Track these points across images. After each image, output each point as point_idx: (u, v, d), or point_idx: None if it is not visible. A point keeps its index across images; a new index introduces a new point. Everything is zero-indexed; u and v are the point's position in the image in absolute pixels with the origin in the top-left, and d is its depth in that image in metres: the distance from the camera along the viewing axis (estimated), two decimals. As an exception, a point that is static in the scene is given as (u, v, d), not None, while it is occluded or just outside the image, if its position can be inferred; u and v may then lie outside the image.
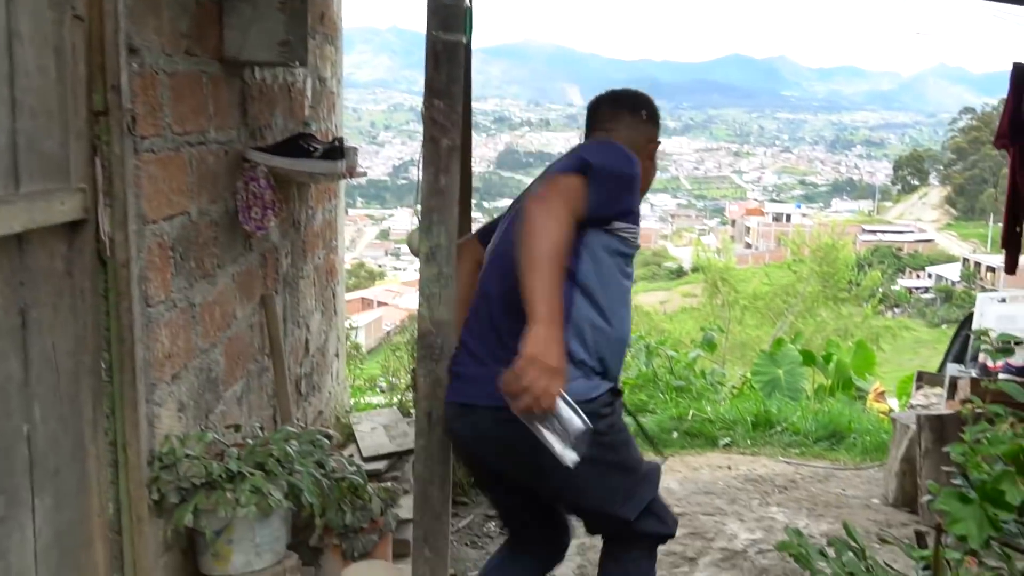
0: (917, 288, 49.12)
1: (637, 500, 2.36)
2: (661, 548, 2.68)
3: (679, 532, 3.96)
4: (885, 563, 2.25)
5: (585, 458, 1.98)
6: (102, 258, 2.22)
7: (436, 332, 2.60)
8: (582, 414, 1.96)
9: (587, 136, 2.61)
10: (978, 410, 1.81)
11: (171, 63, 2.48)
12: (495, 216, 2.83)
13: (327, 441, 2.79)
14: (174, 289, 2.52)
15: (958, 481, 1.88)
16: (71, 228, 2.13)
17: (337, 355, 5.09)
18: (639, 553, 2.44)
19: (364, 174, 4.22)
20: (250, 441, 2.63)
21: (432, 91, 2.50)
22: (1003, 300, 5.43)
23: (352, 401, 5.90)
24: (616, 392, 2.36)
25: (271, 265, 3.53)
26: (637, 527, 2.37)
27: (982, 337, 1.81)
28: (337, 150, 3.26)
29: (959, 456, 1.70)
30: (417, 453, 2.62)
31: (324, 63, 4.47)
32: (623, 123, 2.54)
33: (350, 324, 15.76)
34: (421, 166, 2.59)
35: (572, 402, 1.96)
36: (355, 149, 3.45)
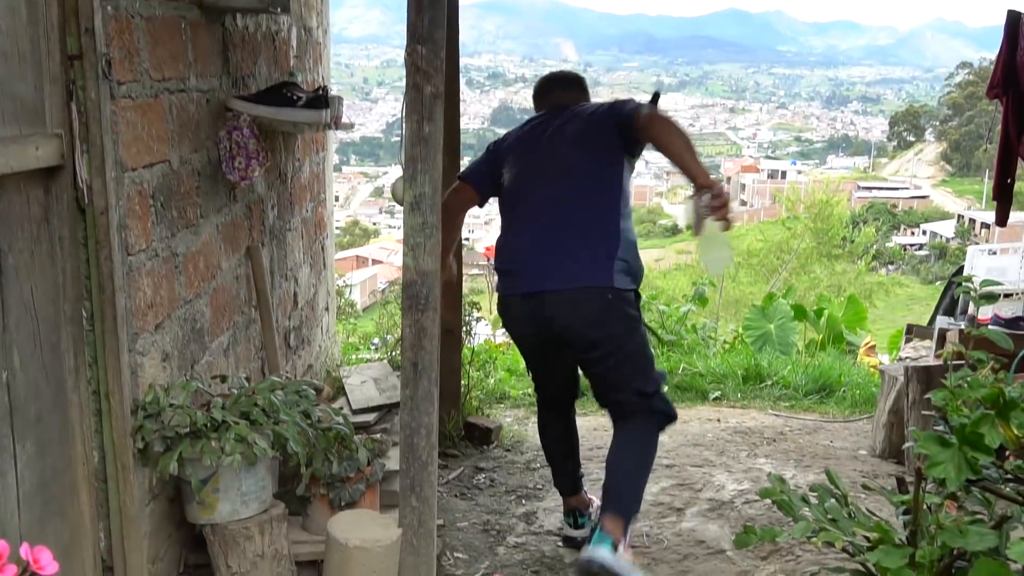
0: (912, 245, 49.15)
1: (655, 378, 3.19)
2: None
3: (668, 483, 4.03)
4: (868, 510, 2.26)
5: (637, 335, 3.13)
6: (80, 205, 2.20)
7: (421, 282, 2.59)
8: None
9: (540, 109, 3.48)
10: (958, 359, 1.81)
11: (148, 7, 2.42)
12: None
13: (313, 392, 2.78)
14: (155, 238, 2.50)
15: (939, 427, 1.88)
16: (48, 174, 2.10)
17: (327, 309, 5.08)
18: (649, 430, 3.16)
19: (351, 125, 4.17)
20: (235, 391, 2.63)
21: (414, 37, 2.46)
22: (993, 253, 5.42)
23: (343, 355, 5.91)
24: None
25: (257, 217, 3.50)
26: (653, 403, 3.14)
27: (964, 284, 1.80)
28: (321, 99, 3.22)
29: (940, 401, 1.70)
30: (403, 403, 2.62)
31: (310, 12, 4.40)
32: (582, 98, 3.45)
33: (345, 282, 15.75)
34: (404, 114, 2.56)
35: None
36: (340, 99, 3.40)
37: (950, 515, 1.80)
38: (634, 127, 3.07)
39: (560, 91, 3.47)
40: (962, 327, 4.62)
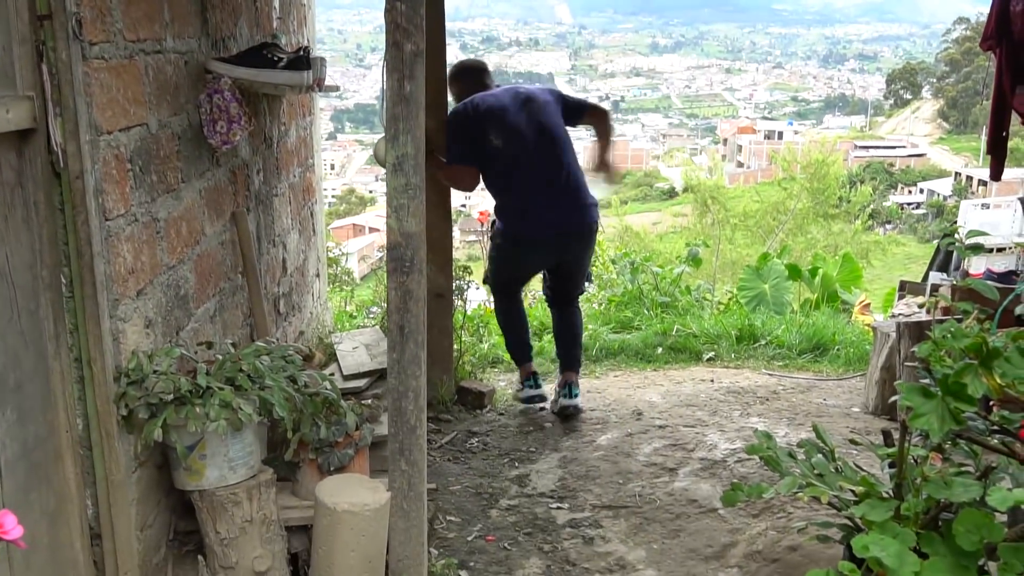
0: (909, 204, 48.99)
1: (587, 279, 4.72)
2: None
3: (660, 444, 4.05)
4: (856, 465, 2.26)
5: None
6: (56, 170, 2.16)
7: (405, 244, 2.56)
8: None
9: (474, 90, 4.38)
10: (943, 311, 1.79)
11: (120, -34, 2.37)
12: None
13: (299, 357, 2.76)
14: (134, 203, 2.46)
15: (925, 380, 1.86)
16: (20, 137, 2.07)
17: (318, 275, 5.05)
18: (579, 311, 4.67)
19: (336, 88, 4.12)
20: (220, 357, 2.61)
21: (394, -8, 2.41)
22: (986, 207, 5.39)
23: (337, 323, 5.89)
24: None
25: (241, 182, 3.46)
26: (582, 293, 4.75)
27: (948, 237, 1.77)
28: (303, 60, 3.17)
29: (924, 352, 1.69)
30: (390, 367, 2.60)
31: (292, -27, 4.33)
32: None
33: (341, 250, 15.67)
34: (385, 73, 2.52)
35: None
36: (322, 60, 3.34)
37: (935, 467, 1.79)
38: (584, 112, 4.46)
39: (487, 79, 4.53)
40: (954, 281, 4.61)
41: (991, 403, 1.71)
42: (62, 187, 2.17)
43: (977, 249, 1.80)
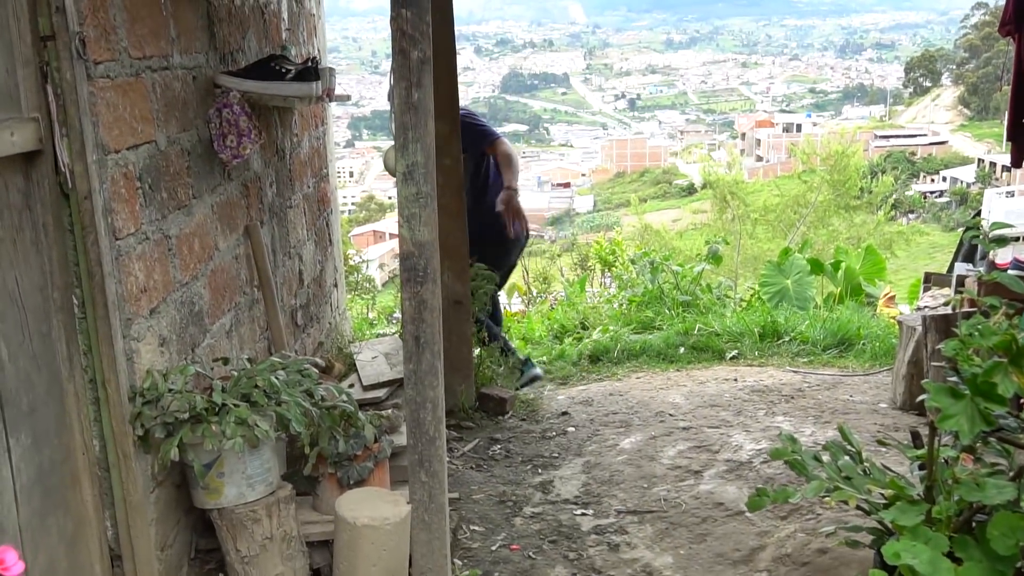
0: (932, 192, 48.50)
1: None
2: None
3: (685, 446, 4.00)
4: (884, 465, 2.20)
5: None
6: (64, 191, 2.15)
7: (418, 253, 2.54)
8: None
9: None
10: (969, 305, 1.73)
11: (123, -17, 2.36)
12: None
13: (315, 370, 2.74)
14: (145, 221, 2.45)
15: (953, 378, 1.81)
16: (27, 160, 2.05)
17: (335, 285, 5.04)
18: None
19: (347, 97, 4.11)
20: (235, 373, 2.59)
21: (398, 0, 2.39)
22: (1011, 194, 5.29)
23: (358, 331, 5.88)
24: None
25: (254, 195, 3.45)
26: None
27: (972, 229, 1.72)
28: (311, 71, 3.15)
29: (951, 351, 1.63)
30: (407, 377, 2.58)
31: (300, -17, 4.32)
32: None
33: (362, 257, 15.68)
34: (392, 81, 2.50)
35: None
36: (332, 70, 3.33)
37: (966, 468, 1.74)
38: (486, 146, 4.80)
39: None
40: (981, 272, 4.52)
41: (1022, 401, 1.66)
42: (71, 208, 2.16)
43: (1002, 242, 1.75)
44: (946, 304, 4.00)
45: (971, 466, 1.70)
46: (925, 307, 4.57)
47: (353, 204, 47.79)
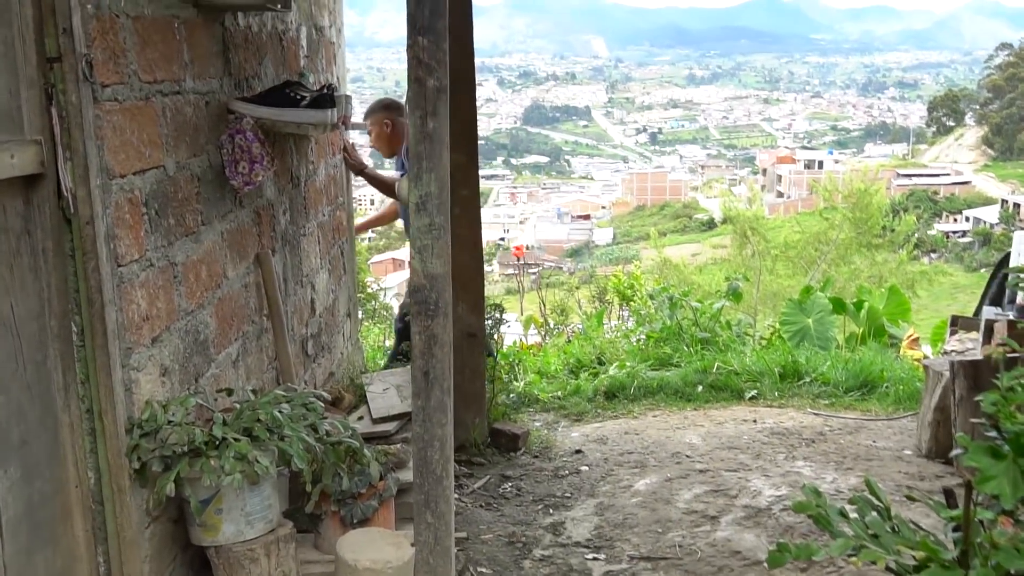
0: (954, 232, 48.17)
1: None
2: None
3: (701, 489, 3.87)
4: (912, 521, 2.08)
5: None
6: (67, 215, 2.09)
7: (430, 287, 2.46)
8: None
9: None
10: (1013, 354, 1.63)
11: (135, 6, 2.31)
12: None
13: (321, 404, 2.66)
14: (149, 247, 2.39)
15: (991, 434, 1.70)
16: (27, 183, 2.00)
17: (349, 315, 4.97)
18: None
19: (363, 126, 4.05)
20: (238, 406, 2.51)
21: (415, 28, 2.33)
22: (1042, 237, 5.17)
23: (368, 360, 5.80)
24: None
25: (266, 222, 3.39)
26: None
27: (1019, 274, 1.62)
28: (327, 98, 3.09)
29: (991, 406, 1.53)
30: (415, 414, 2.49)
31: (321, 11, 4.29)
32: None
33: (380, 285, 15.62)
34: (408, 110, 2.43)
35: None
36: (348, 97, 3.28)
37: (1005, 532, 1.62)
38: None
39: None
40: (1011, 316, 4.39)
41: (1067, 462, 1.55)
42: (72, 233, 2.10)
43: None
44: (991, 353, 3.87)
45: (1011, 530, 1.59)
46: (952, 351, 4.44)
47: (373, 232, 47.97)
